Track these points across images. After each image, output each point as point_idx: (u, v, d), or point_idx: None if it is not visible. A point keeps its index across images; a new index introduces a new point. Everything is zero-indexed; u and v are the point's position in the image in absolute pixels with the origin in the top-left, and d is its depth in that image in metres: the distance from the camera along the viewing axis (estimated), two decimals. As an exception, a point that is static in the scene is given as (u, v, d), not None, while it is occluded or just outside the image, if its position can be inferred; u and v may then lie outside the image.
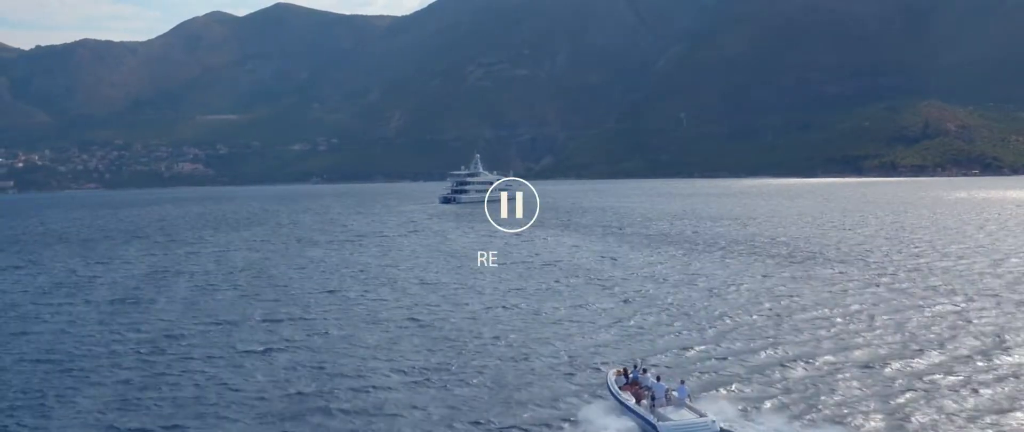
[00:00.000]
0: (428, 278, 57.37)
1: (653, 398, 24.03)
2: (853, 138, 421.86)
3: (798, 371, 29.86)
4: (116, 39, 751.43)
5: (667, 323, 39.12)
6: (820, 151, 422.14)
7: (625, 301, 45.40)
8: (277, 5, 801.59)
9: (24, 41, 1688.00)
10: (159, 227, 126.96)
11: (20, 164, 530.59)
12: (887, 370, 29.71)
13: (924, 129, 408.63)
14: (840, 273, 54.38)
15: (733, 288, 49.03)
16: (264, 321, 42.14)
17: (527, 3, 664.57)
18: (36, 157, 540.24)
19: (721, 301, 44.60)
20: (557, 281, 54.00)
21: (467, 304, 45.77)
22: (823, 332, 36.25)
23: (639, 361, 27.90)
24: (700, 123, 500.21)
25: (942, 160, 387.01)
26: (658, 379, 25.03)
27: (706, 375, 29.53)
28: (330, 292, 51.69)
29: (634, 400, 24.33)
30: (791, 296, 45.55)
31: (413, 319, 41.80)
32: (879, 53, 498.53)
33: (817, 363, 30.90)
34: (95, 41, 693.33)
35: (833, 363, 30.82)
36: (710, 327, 37.78)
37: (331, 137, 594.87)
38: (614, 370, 27.04)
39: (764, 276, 53.94)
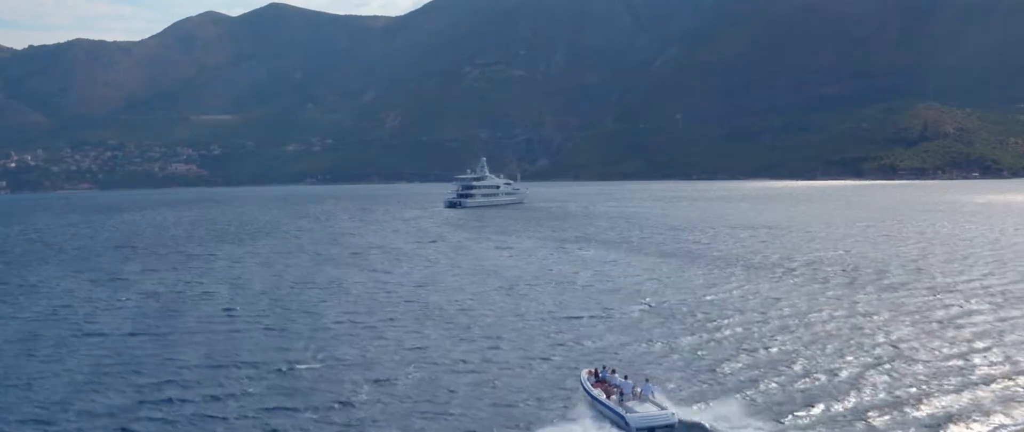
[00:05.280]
0: (469, 306, 51.78)
1: (622, 394, 27.58)
2: (851, 140, 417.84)
3: None
4: (110, 39, 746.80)
5: (767, 362, 33.78)
6: (819, 153, 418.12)
7: (692, 333, 40.12)
8: (271, 5, 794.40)
9: (17, 41, 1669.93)
10: (156, 237, 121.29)
11: (13, 164, 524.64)
12: None
13: (923, 131, 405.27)
14: (927, 300, 49.08)
15: (814, 316, 43.69)
16: (289, 364, 36.63)
17: (524, 4, 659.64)
18: (29, 157, 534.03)
19: (804, 335, 39.28)
20: (610, 307, 48.61)
21: (519, 339, 40.41)
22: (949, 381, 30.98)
23: (606, 364, 31.26)
24: (697, 124, 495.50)
25: (941, 162, 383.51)
26: (625, 378, 28.69)
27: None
28: (359, 325, 46.15)
29: (605, 396, 27.80)
30: (883, 329, 40.29)
31: (463, 361, 36.42)
32: (877, 54, 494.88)
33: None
34: (89, 41, 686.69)
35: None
36: (809, 372, 32.48)
37: (326, 138, 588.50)
38: (586, 370, 30.57)
39: (838, 299, 48.67)
